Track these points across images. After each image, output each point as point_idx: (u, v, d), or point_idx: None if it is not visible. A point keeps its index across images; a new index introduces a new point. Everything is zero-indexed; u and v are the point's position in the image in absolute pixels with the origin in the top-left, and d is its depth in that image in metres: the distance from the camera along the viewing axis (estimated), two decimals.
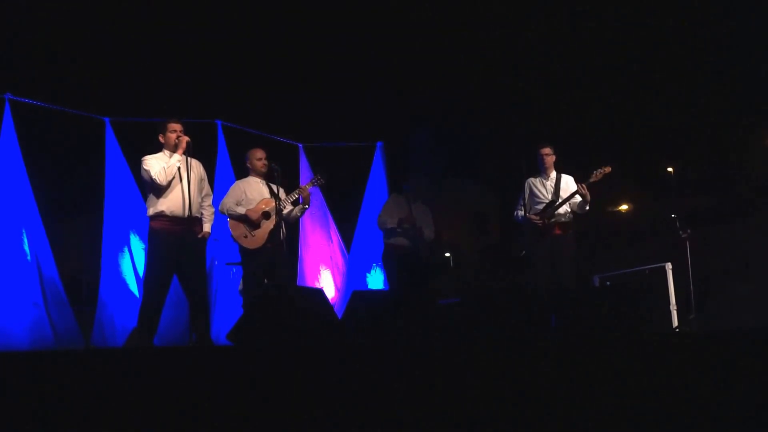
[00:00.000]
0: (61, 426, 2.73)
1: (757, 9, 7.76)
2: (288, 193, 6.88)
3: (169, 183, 5.87)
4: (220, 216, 6.85)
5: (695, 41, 8.19)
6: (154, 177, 5.82)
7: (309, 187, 6.89)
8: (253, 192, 6.80)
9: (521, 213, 7.27)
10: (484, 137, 9.17)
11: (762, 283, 7.70)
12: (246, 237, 6.66)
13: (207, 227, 6.23)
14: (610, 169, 7.10)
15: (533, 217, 7.18)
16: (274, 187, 6.80)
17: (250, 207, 6.69)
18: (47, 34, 7.11)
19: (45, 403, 2.78)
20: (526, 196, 7.24)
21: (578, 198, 7.14)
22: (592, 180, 7.12)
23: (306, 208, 6.95)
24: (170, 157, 5.95)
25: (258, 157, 6.86)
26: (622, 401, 3.31)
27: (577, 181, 7.30)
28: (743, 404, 3.37)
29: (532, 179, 7.41)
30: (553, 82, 8.81)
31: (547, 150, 7.35)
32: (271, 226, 6.63)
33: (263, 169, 6.84)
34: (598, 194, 7.32)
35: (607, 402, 3.31)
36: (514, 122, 8.95)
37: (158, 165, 5.87)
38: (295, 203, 6.88)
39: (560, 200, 7.19)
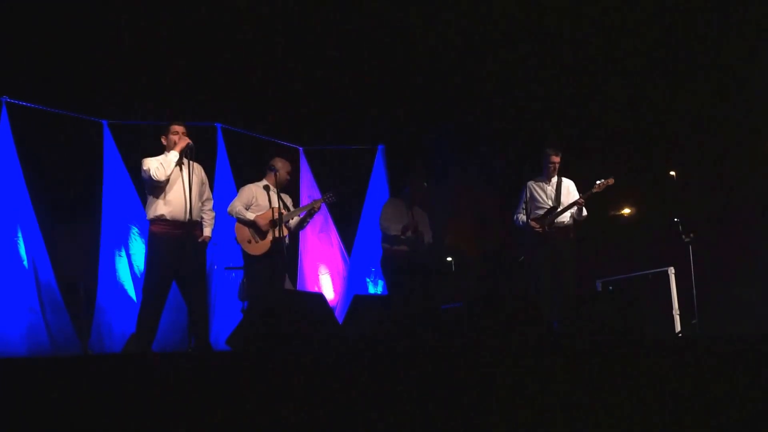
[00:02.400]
0: None
1: (759, 11, 7.76)
2: (294, 202, 6.94)
3: (168, 181, 5.85)
4: (220, 220, 6.83)
5: (698, 43, 8.20)
6: (152, 174, 5.80)
7: (319, 204, 6.99)
8: (264, 199, 6.80)
9: (522, 217, 7.25)
10: (486, 140, 9.15)
11: (765, 288, 7.69)
12: (250, 242, 6.70)
13: (207, 231, 6.20)
14: (613, 180, 7.11)
15: (533, 223, 7.17)
16: (284, 197, 6.83)
17: (260, 213, 6.69)
18: (44, 36, 7.08)
19: (42, 410, 2.77)
20: (527, 199, 7.21)
21: (574, 206, 7.15)
22: (594, 190, 7.13)
23: (308, 220, 7.03)
24: (168, 154, 5.93)
25: (288, 170, 6.96)
26: (625, 406, 3.32)
27: (579, 190, 7.30)
28: (746, 409, 3.38)
29: (533, 182, 7.40)
30: (554, 85, 8.81)
31: (557, 158, 7.33)
32: (277, 235, 6.62)
33: (284, 183, 6.90)
34: (600, 198, 7.32)
35: (609, 407, 3.31)
36: (515, 125, 8.94)
37: (155, 162, 5.87)
38: (299, 217, 6.96)
39: (561, 208, 7.17)
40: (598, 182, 7.13)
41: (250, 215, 6.68)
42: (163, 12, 7.38)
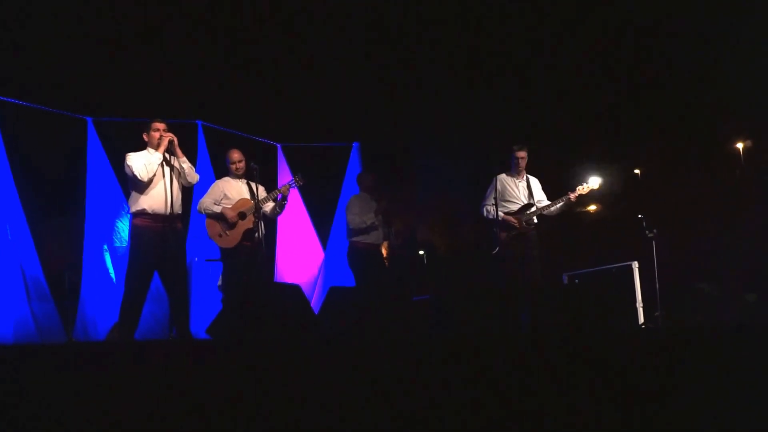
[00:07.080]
0: (43, 419, 2.79)
1: (731, 12, 7.86)
2: (268, 191, 7.00)
3: (151, 179, 6.01)
4: (198, 215, 6.96)
5: (666, 41, 8.29)
6: (135, 173, 5.95)
7: (288, 188, 6.95)
8: (232, 191, 6.91)
9: (492, 209, 7.26)
10: (458, 134, 9.22)
11: (725, 282, 7.87)
12: (221, 236, 6.77)
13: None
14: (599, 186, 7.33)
15: (509, 218, 7.28)
16: (254, 186, 6.90)
17: (228, 207, 6.82)
18: (29, 33, 7.13)
19: (27, 397, 2.85)
20: (497, 192, 7.33)
21: (559, 203, 7.33)
22: (578, 193, 7.33)
23: (284, 204, 6.98)
24: (153, 154, 6.09)
25: (233, 160, 6.97)
26: (589, 396, 3.33)
27: (544, 188, 7.50)
28: (707, 399, 3.39)
29: (504, 176, 7.47)
30: (524, 82, 8.88)
31: (523, 153, 7.45)
32: (248, 226, 6.74)
33: (239, 172, 6.95)
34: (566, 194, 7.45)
35: (574, 397, 3.32)
36: (487, 120, 8.99)
37: (140, 161, 6.00)
38: (273, 201, 6.95)
39: (546, 204, 7.35)
40: (579, 186, 7.34)
41: (218, 208, 6.78)
42: (144, 11, 7.44)
